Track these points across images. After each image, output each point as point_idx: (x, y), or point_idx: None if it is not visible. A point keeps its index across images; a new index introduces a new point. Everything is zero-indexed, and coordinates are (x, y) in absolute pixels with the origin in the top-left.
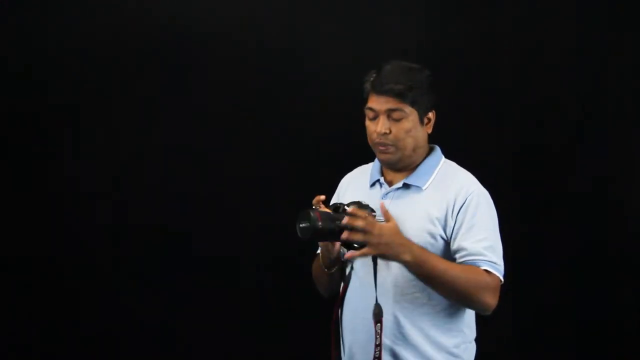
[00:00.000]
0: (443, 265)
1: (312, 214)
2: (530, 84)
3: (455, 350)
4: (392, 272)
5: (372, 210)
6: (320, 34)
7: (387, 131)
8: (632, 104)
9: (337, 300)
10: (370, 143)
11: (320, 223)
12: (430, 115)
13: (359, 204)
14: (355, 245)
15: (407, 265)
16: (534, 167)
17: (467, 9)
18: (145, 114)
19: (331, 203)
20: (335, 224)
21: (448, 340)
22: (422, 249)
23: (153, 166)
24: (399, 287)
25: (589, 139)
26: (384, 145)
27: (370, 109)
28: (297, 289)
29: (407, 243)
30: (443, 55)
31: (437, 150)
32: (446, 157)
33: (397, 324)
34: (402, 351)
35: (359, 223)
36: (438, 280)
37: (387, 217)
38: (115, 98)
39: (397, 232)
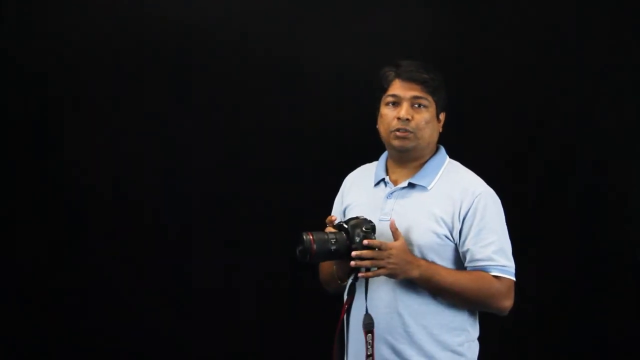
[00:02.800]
0: (451, 277)
1: (305, 237)
2: (530, 84)
3: (459, 349)
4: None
5: (372, 225)
6: (320, 35)
7: (410, 117)
8: (632, 103)
9: (343, 309)
10: (384, 131)
11: (314, 246)
12: (442, 116)
13: (357, 219)
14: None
15: (416, 281)
16: (533, 167)
17: (467, 9)
18: (146, 114)
19: (335, 202)
20: (330, 244)
21: (452, 339)
22: (430, 263)
23: (153, 166)
24: (403, 286)
25: (589, 139)
26: (404, 131)
27: (394, 95)
28: (301, 290)
29: (414, 260)
30: (443, 55)
31: (442, 150)
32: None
33: (402, 323)
34: (406, 350)
35: (369, 255)
36: (447, 293)
37: (397, 235)
38: (115, 98)
39: (405, 250)
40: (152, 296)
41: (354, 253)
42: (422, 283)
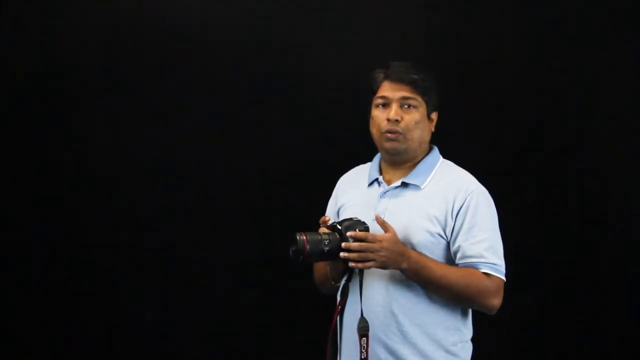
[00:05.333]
0: (441, 271)
1: (298, 237)
2: (531, 84)
3: (453, 349)
4: (391, 270)
5: (365, 226)
6: (319, 36)
7: (399, 118)
8: (632, 103)
9: (336, 310)
10: (375, 133)
11: (307, 247)
12: (434, 115)
13: (350, 220)
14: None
15: (404, 272)
16: (533, 167)
17: (467, 9)
18: (145, 114)
19: (329, 203)
20: (323, 245)
21: (446, 338)
22: (420, 255)
23: (154, 165)
24: (397, 285)
25: (589, 139)
26: (394, 132)
27: (383, 97)
28: (298, 292)
29: (405, 251)
30: (443, 56)
31: (436, 150)
32: (445, 157)
33: (396, 322)
34: (401, 349)
35: (355, 246)
36: (436, 286)
37: (385, 227)
38: (116, 97)
39: (396, 241)
40: (151, 296)
41: (343, 244)
42: (412, 275)
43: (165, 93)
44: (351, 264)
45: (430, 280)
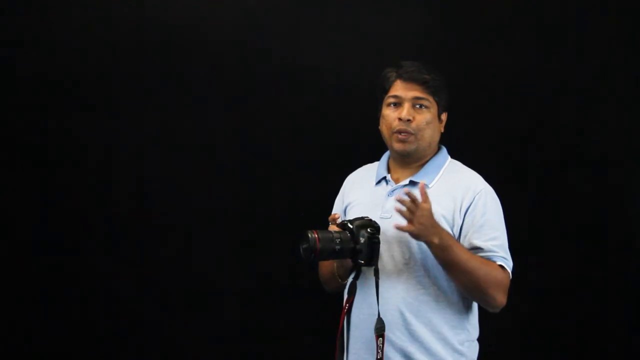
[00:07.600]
0: (465, 254)
1: (310, 235)
2: (531, 84)
3: (460, 347)
4: (398, 269)
5: (377, 226)
6: (322, 35)
7: (411, 118)
8: (632, 103)
9: (344, 310)
10: (386, 132)
11: (319, 245)
12: (444, 116)
13: (362, 220)
14: (362, 262)
15: (433, 247)
16: (533, 167)
17: (467, 9)
18: (146, 114)
19: (336, 201)
20: (334, 244)
21: (453, 337)
22: (450, 235)
23: (153, 165)
24: (406, 283)
25: (590, 139)
26: (405, 132)
27: (395, 96)
28: (300, 292)
29: (438, 227)
30: (442, 56)
31: (444, 150)
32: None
33: (404, 321)
34: (408, 347)
35: (408, 204)
36: (458, 268)
37: (425, 198)
38: (115, 98)
39: (432, 214)
40: (152, 296)
41: (395, 197)
42: (439, 252)
43: (167, 94)
44: (394, 225)
45: (456, 260)
